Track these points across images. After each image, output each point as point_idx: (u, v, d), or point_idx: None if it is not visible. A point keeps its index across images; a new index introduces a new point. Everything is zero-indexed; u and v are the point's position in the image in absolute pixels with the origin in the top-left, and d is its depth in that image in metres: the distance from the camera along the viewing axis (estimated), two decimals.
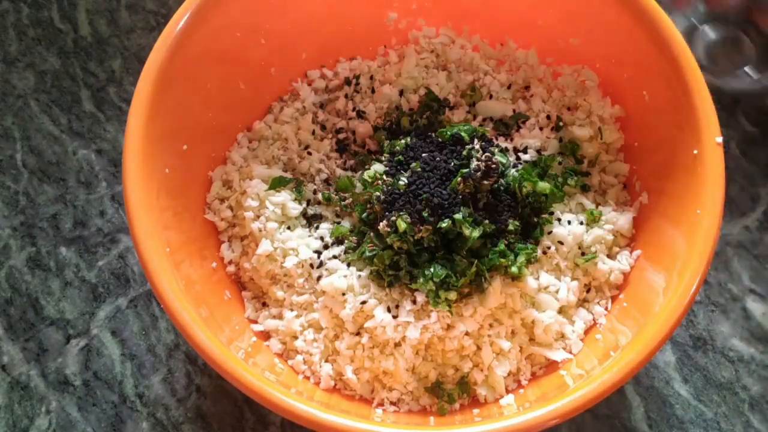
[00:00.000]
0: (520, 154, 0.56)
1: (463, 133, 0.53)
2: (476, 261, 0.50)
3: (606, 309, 0.54)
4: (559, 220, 0.54)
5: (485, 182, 0.50)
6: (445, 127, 0.57)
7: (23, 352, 0.60)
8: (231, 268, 0.56)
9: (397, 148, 0.55)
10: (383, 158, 0.56)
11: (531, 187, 0.53)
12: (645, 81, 0.54)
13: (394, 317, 0.50)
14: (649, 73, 0.52)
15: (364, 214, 0.53)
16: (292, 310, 0.54)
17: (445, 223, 0.49)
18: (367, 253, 0.52)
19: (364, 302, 0.51)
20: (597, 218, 0.55)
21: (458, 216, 0.49)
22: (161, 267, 0.46)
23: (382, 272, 0.51)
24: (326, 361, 0.52)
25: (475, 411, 0.50)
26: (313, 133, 0.60)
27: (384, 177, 0.53)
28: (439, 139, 0.54)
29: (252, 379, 0.44)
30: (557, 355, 0.51)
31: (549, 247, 0.53)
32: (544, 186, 0.53)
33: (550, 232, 0.53)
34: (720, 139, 0.47)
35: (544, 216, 0.54)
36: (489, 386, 0.51)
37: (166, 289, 0.45)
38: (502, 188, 0.52)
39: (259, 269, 0.54)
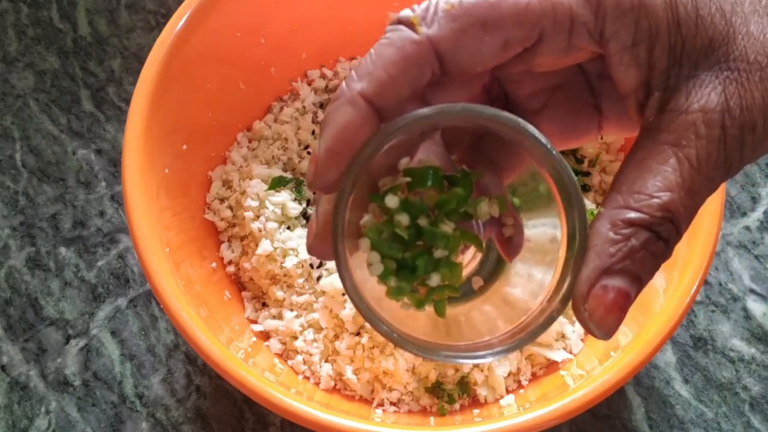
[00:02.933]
0: None
1: None
2: None
3: None
4: None
5: None
6: None
7: (22, 353, 0.59)
8: (231, 268, 0.56)
9: None
10: None
11: None
12: None
13: None
14: None
15: None
16: (291, 310, 0.54)
17: None
18: None
19: None
20: None
21: None
22: (161, 267, 0.46)
23: None
24: (326, 361, 0.52)
25: (476, 411, 0.50)
26: (313, 133, 0.60)
27: None
28: None
29: (252, 380, 0.43)
30: (557, 355, 0.51)
31: None
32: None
33: None
34: None
35: None
36: (489, 386, 0.51)
37: (166, 290, 0.45)
38: None
39: (259, 269, 0.54)
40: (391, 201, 0.28)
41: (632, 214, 0.26)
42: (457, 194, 0.29)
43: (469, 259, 0.32)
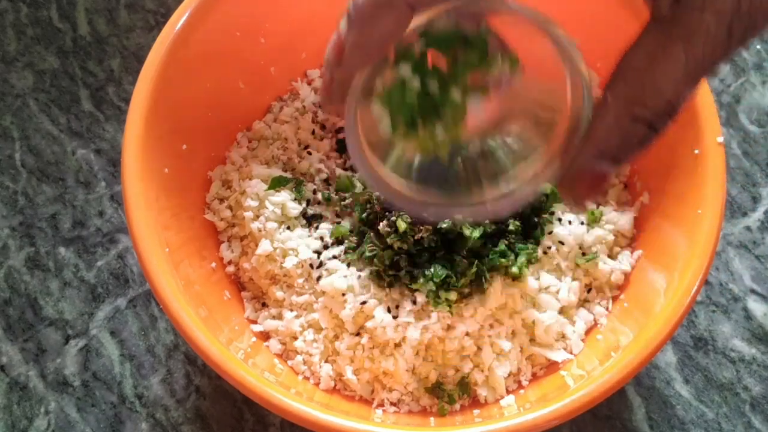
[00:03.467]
0: None
1: None
2: (476, 261, 0.50)
3: (607, 309, 0.53)
4: (559, 220, 0.54)
5: None
6: None
7: (22, 353, 0.59)
8: (230, 269, 0.56)
9: None
10: None
11: None
12: None
13: (394, 317, 0.50)
14: None
15: (364, 214, 0.53)
16: (291, 310, 0.53)
17: (445, 223, 0.49)
18: (367, 254, 0.51)
19: (364, 302, 0.50)
20: (598, 218, 0.54)
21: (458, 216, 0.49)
22: (160, 267, 0.46)
23: (382, 272, 0.51)
24: (326, 361, 0.52)
25: (476, 412, 0.50)
26: (313, 132, 0.60)
27: None
28: None
29: (251, 380, 0.43)
30: (558, 355, 0.51)
31: (549, 247, 0.53)
32: (545, 186, 0.53)
33: (550, 232, 0.53)
34: (721, 139, 0.47)
35: (544, 216, 0.54)
36: (489, 387, 0.51)
37: (165, 290, 0.45)
38: None
39: (259, 269, 0.54)
40: (405, 69, 0.30)
41: (637, 108, 0.28)
42: (471, 55, 0.30)
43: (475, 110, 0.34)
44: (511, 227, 0.51)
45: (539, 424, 0.42)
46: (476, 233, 0.49)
